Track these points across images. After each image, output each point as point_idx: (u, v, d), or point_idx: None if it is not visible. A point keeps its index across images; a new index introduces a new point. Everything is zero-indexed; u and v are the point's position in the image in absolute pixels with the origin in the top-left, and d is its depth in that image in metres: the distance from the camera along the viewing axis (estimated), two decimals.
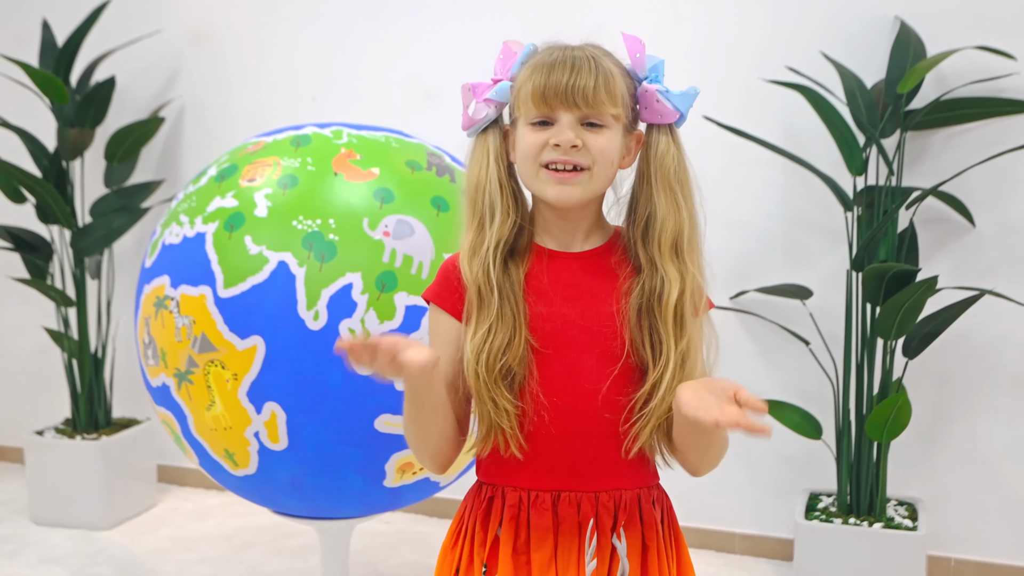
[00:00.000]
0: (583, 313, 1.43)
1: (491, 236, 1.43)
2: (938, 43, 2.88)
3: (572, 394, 1.42)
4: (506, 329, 1.40)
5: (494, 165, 1.45)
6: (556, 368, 1.42)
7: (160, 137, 3.77)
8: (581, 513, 1.43)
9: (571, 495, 1.43)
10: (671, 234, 1.42)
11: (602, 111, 1.39)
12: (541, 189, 1.42)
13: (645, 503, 1.47)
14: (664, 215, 1.42)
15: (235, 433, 2.12)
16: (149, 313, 2.22)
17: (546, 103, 1.38)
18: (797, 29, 3.05)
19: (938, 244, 2.99)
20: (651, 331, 1.42)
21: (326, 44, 3.55)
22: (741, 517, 3.30)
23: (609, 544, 1.43)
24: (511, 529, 1.44)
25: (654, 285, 1.42)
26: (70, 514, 3.51)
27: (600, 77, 1.38)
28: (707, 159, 3.06)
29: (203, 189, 2.23)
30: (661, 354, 1.40)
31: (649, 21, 3.17)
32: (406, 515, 3.54)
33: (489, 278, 1.41)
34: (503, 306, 1.41)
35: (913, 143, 2.96)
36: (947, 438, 3.07)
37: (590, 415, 1.42)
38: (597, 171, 1.40)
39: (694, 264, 1.43)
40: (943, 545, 3.07)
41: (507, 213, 1.44)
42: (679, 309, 1.41)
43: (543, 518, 1.43)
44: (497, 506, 1.46)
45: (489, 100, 1.45)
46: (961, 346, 3.01)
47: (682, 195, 1.44)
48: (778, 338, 3.15)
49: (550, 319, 1.43)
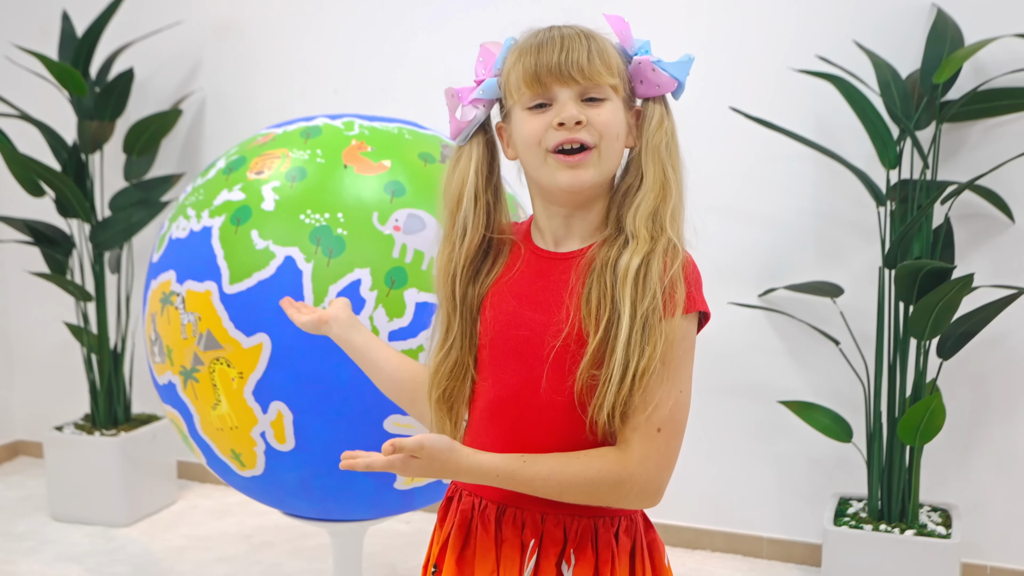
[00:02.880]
0: (544, 319, 1.35)
1: (460, 255, 1.41)
2: (976, 31, 2.78)
3: (521, 405, 1.36)
4: (458, 350, 1.41)
5: (473, 177, 1.40)
6: (505, 375, 1.38)
7: (181, 130, 3.73)
8: (524, 534, 1.37)
9: (516, 511, 1.37)
10: (652, 203, 1.33)
11: (600, 81, 1.32)
12: (551, 177, 1.34)
13: (603, 533, 1.37)
14: (648, 186, 1.34)
15: (241, 433, 2.06)
16: (156, 309, 2.17)
17: (540, 82, 1.31)
18: (829, 17, 2.96)
19: (975, 240, 2.90)
20: (602, 300, 1.30)
21: (348, 36, 3.50)
22: (769, 521, 3.21)
23: (555, 570, 1.35)
24: (460, 536, 1.41)
25: (619, 249, 1.32)
26: (89, 510, 3.49)
27: (593, 47, 1.32)
28: (735, 152, 3.06)
29: (211, 182, 2.18)
30: (617, 326, 1.28)
31: (677, 9, 3.09)
32: (427, 515, 3.49)
33: (454, 301, 1.41)
34: (462, 326, 1.41)
35: (949, 135, 2.87)
36: (983, 442, 2.97)
37: (538, 427, 1.35)
38: (604, 147, 1.33)
39: (673, 240, 1.32)
40: (978, 553, 2.98)
41: (477, 228, 1.40)
42: (643, 270, 1.29)
43: (487, 532, 1.39)
44: (454, 507, 1.44)
45: (476, 100, 1.38)
46: (998, 347, 2.91)
47: (670, 169, 1.35)
48: (808, 337, 3.06)
49: (506, 322, 1.38)
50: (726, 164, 3.06)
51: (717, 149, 3.05)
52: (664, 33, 1.95)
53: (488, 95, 1.38)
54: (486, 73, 1.40)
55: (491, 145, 1.43)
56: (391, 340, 1.99)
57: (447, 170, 1.44)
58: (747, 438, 3.16)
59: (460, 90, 1.40)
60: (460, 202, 1.40)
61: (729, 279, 3.09)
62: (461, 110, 1.39)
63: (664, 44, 1.45)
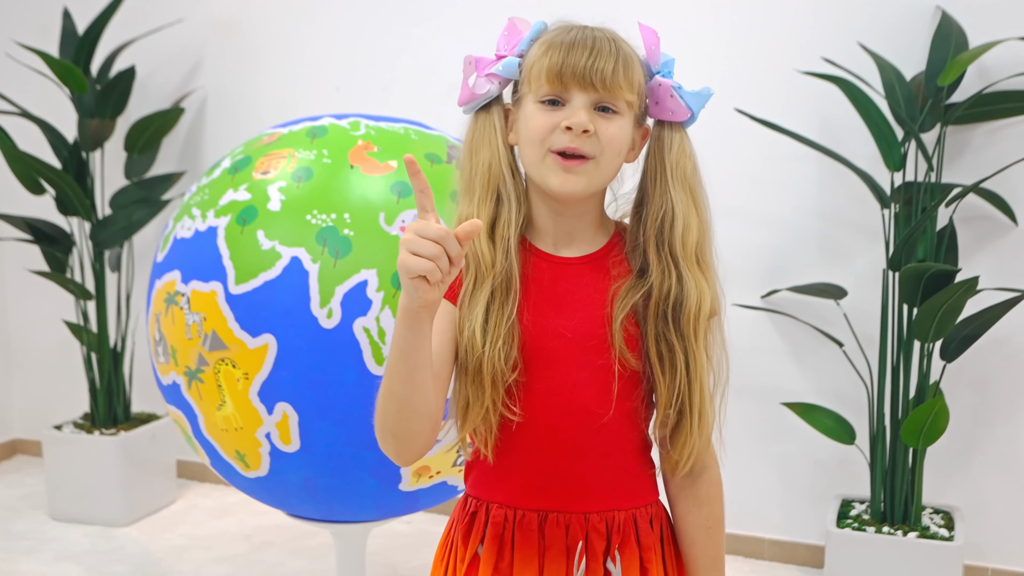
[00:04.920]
0: (578, 325, 1.33)
1: (511, 215, 1.33)
2: (981, 34, 2.78)
3: (563, 409, 1.33)
4: (507, 324, 1.31)
5: (503, 148, 1.36)
6: (546, 383, 1.33)
7: (182, 128, 3.72)
8: (570, 536, 1.35)
9: (559, 516, 1.35)
10: (694, 238, 1.34)
11: (618, 96, 1.30)
12: (544, 176, 1.31)
13: (642, 523, 1.38)
14: (686, 216, 1.34)
15: (246, 434, 2.06)
16: (160, 309, 2.16)
17: (561, 82, 1.29)
18: (834, 19, 2.95)
19: (978, 243, 2.89)
20: (658, 340, 1.33)
21: (350, 34, 3.49)
22: (771, 522, 3.21)
23: (602, 569, 1.35)
24: (494, 548, 1.36)
25: (667, 289, 1.33)
26: (88, 510, 3.47)
27: (620, 60, 1.30)
28: (739, 153, 3.05)
29: (216, 182, 2.17)
30: (674, 366, 1.32)
31: (682, 10, 3.09)
32: (428, 515, 3.48)
33: (510, 262, 1.31)
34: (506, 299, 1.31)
35: (953, 138, 2.86)
36: (986, 444, 2.97)
37: (581, 431, 1.34)
38: (603, 161, 1.31)
39: (715, 275, 1.37)
40: (980, 555, 2.97)
41: (519, 201, 1.35)
42: (702, 319, 1.34)
43: (528, 540, 1.35)
44: (480, 521, 1.38)
45: (493, 75, 1.35)
46: (1002, 349, 2.91)
47: (700, 197, 1.36)
48: (811, 339, 3.05)
49: (543, 331, 1.33)
50: (730, 165, 3.05)
51: (722, 150, 3.04)
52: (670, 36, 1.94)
53: (507, 74, 1.35)
54: (508, 50, 1.36)
55: (506, 115, 1.39)
56: None
57: (467, 139, 1.39)
58: (750, 439, 3.15)
59: (479, 59, 1.37)
60: (492, 170, 1.34)
61: (732, 280, 3.04)
62: (476, 80, 1.36)
63: (670, 46, 1.44)
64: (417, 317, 1.17)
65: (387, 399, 1.25)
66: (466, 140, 1.39)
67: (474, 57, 1.37)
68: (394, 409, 1.25)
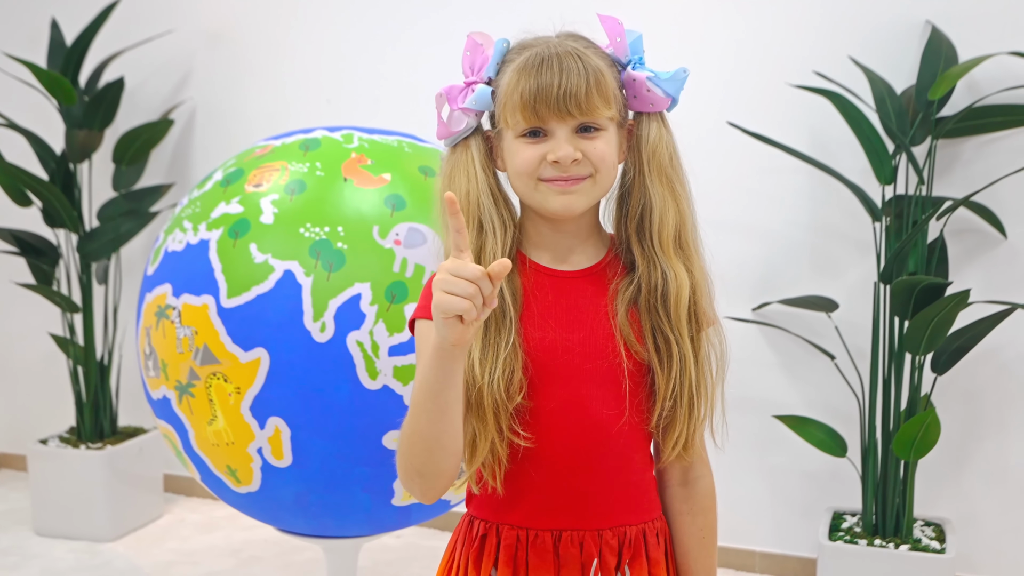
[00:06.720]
0: (585, 339, 1.32)
1: (497, 242, 1.32)
2: (970, 48, 2.79)
3: (576, 426, 1.32)
4: (506, 350, 1.29)
5: (482, 175, 1.34)
6: (557, 401, 1.32)
7: (171, 140, 3.70)
8: (584, 553, 1.34)
9: (573, 534, 1.34)
10: (672, 227, 1.33)
11: (597, 116, 1.28)
12: (542, 202, 1.31)
13: (651, 538, 1.39)
14: (662, 207, 1.33)
15: (237, 449, 2.03)
16: (150, 323, 2.14)
17: (537, 116, 1.27)
18: (825, 33, 2.96)
19: (969, 256, 2.90)
20: (654, 332, 1.33)
21: (340, 45, 3.48)
22: (762, 535, 3.20)
23: None
24: (508, 571, 1.34)
25: (654, 282, 1.32)
26: (74, 525, 3.44)
27: (591, 78, 1.27)
28: (731, 166, 3.05)
29: (208, 194, 2.15)
30: (671, 356, 1.32)
31: (675, 23, 3.09)
32: (418, 529, 3.46)
33: (500, 288, 1.27)
34: (503, 326, 1.30)
35: (944, 151, 2.87)
36: (977, 457, 2.97)
37: (595, 447, 1.33)
38: (600, 177, 1.31)
39: (700, 259, 1.36)
40: (972, 568, 2.97)
41: (504, 226, 1.34)
42: (693, 306, 1.33)
43: (544, 560, 1.34)
44: (491, 545, 1.36)
45: (467, 109, 1.33)
46: (992, 362, 2.91)
47: (679, 185, 1.34)
48: (802, 352, 3.05)
49: (550, 347, 1.32)
50: (722, 178, 3.05)
51: (713, 163, 3.05)
52: (661, 48, 1.94)
53: (480, 106, 1.33)
54: (476, 73, 1.34)
55: (488, 141, 1.37)
56: (391, 355, 1.96)
57: (444, 171, 1.37)
58: (741, 452, 3.14)
59: (449, 91, 1.34)
60: (471, 200, 1.33)
61: (724, 293, 3.06)
62: (450, 115, 1.34)
63: (661, 60, 1.42)
64: (451, 355, 1.16)
65: (414, 438, 1.24)
66: (443, 171, 1.38)
67: (444, 90, 1.35)
68: (421, 448, 1.24)
